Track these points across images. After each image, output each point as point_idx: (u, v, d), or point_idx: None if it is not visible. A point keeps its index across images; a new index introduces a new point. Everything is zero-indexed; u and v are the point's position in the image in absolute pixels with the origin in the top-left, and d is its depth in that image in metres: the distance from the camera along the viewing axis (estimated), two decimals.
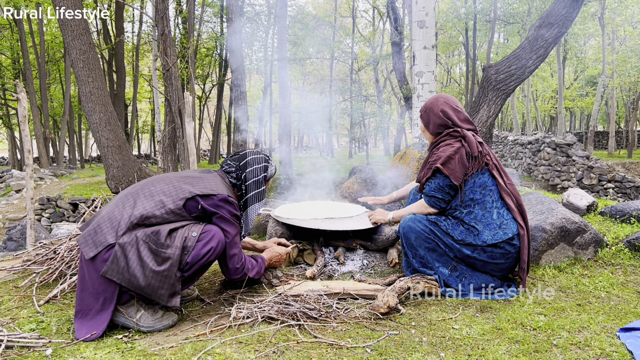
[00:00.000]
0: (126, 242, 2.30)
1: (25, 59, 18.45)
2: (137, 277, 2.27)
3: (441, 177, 2.82)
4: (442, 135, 2.97)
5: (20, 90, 4.60)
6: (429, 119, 3.04)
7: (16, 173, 15.75)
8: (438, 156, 2.85)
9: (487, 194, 2.82)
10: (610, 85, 26.59)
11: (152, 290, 2.30)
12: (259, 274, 2.82)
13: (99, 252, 2.30)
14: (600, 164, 13.78)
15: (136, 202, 2.46)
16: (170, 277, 2.31)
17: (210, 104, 34.90)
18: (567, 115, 40.50)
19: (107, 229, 2.36)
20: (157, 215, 2.40)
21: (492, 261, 2.80)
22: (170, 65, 8.50)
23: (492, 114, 6.93)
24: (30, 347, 2.17)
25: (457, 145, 2.83)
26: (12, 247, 7.27)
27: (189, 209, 2.47)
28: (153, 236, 2.32)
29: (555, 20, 6.69)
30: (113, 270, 2.28)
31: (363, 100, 23.85)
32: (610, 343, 2.17)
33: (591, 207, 4.35)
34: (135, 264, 2.28)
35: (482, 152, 2.86)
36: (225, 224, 2.53)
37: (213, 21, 24.91)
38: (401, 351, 2.08)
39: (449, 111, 2.96)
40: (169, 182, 2.57)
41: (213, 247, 2.41)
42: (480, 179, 2.83)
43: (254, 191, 2.80)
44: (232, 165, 2.80)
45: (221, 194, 2.53)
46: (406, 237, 2.90)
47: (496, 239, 2.75)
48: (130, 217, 2.37)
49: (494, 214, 2.80)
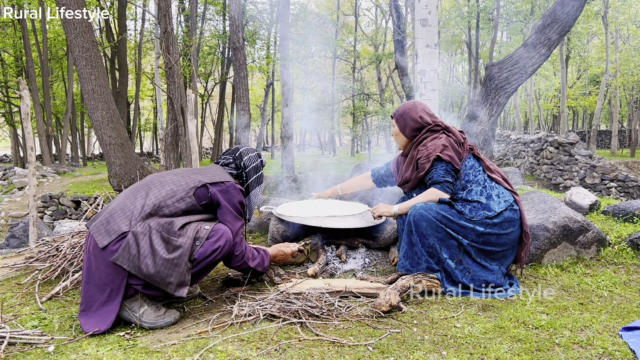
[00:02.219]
0: (139, 230, 2.35)
1: (28, 57, 18.45)
2: (147, 264, 2.30)
3: (443, 163, 2.95)
4: (422, 133, 3.15)
5: (23, 88, 4.61)
6: (405, 123, 3.20)
7: (19, 170, 15.78)
8: (432, 148, 3.00)
9: (477, 174, 3.04)
10: (613, 84, 26.51)
11: (161, 278, 2.32)
12: (261, 266, 2.83)
13: (112, 241, 2.33)
14: (603, 163, 13.74)
15: (148, 192, 2.53)
16: (180, 265, 2.34)
17: (212, 102, 34.91)
18: (570, 114, 40.40)
19: (121, 218, 2.41)
20: (169, 205, 2.48)
21: (503, 232, 2.91)
22: (173, 63, 8.50)
23: (494, 112, 6.91)
24: (32, 344, 2.18)
25: (443, 137, 3.05)
26: (15, 245, 7.29)
27: (198, 196, 2.56)
28: (166, 225, 2.38)
29: (559, 19, 6.68)
30: (124, 258, 2.31)
31: (365, 98, 23.82)
32: (612, 342, 2.16)
33: (594, 206, 4.34)
34: (147, 251, 2.31)
35: (465, 139, 3.14)
36: (230, 216, 2.60)
37: (215, 19, 24.90)
38: (403, 349, 2.08)
39: (426, 116, 3.17)
40: (177, 174, 2.67)
41: (221, 245, 2.46)
42: (469, 162, 3.07)
43: (254, 176, 2.95)
44: (228, 159, 2.93)
45: (230, 181, 2.66)
46: (417, 225, 2.90)
47: (502, 207, 2.89)
48: (144, 207, 2.44)
49: (488, 187, 2.99)
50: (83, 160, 25.50)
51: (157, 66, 12.92)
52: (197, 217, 2.54)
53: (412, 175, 3.11)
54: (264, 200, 4.47)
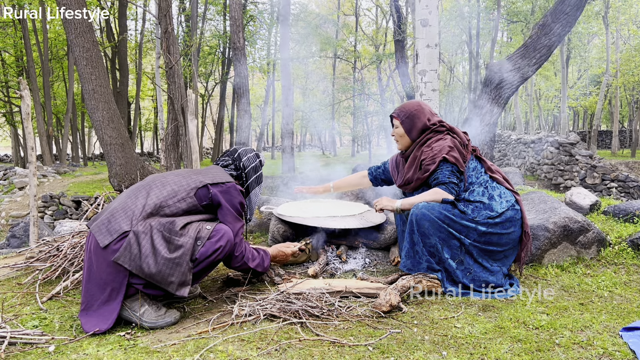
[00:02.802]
0: (140, 230, 2.36)
1: (29, 57, 18.46)
2: (149, 264, 2.31)
3: (449, 165, 2.96)
4: (426, 134, 3.14)
5: (24, 88, 4.61)
6: (412, 125, 3.17)
7: (19, 170, 15.79)
8: (436, 150, 3.00)
9: (479, 175, 3.06)
10: (614, 84, 26.52)
11: (163, 277, 2.33)
12: (261, 266, 2.83)
13: (113, 240, 2.34)
14: (604, 163, 13.74)
15: (149, 192, 2.54)
16: (182, 264, 2.35)
17: (213, 102, 34.90)
18: (571, 114, 40.39)
19: (122, 217, 2.42)
20: (170, 205, 2.49)
21: (505, 231, 2.92)
22: (173, 63, 8.50)
23: (495, 112, 6.91)
24: (33, 344, 2.18)
25: (448, 138, 3.05)
26: (16, 244, 7.30)
27: (199, 197, 2.57)
28: (168, 225, 2.39)
29: (559, 19, 6.68)
30: (125, 257, 2.31)
31: (366, 98, 23.81)
32: (612, 342, 2.16)
33: (594, 207, 4.34)
34: (148, 251, 2.32)
35: (469, 140, 3.16)
36: (230, 217, 2.61)
37: (216, 19, 24.90)
38: (403, 349, 2.08)
39: (432, 118, 3.18)
40: (178, 174, 2.69)
41: (222, 245, 2.47)
42: (472, 164, 3.09)
43: (253, 176, 2.96)
44: (227, 160, 2.94)
45: (231, 182, 2.67)
46: (419, 225, 2.88)
47: (504, 207, 2.92)
48: (145, 207, 2.45)
49: (490, 188, 3.01)
50: (84, 160, 25.50)
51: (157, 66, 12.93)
52: (197, 217, 2.55)
53: (415, 176, 3.09)
54: (264, 200, 4.48)
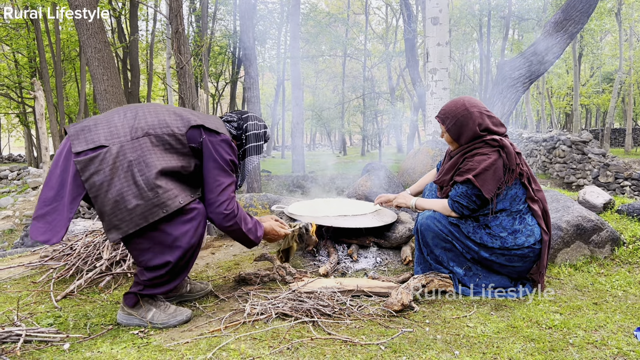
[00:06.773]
0: (116, 153, 2.21)
1: (42, 58, 18.66)
2: (108, 198, 2.18)
3: (471, 186, 2.71)
4: (475, 142, 2.79)
5: (38, 89, 4.67)
6: (460, 133, 2.82)
7: (33, 170, 15.96)
8: (472, 166, 2.71)
9: (515, 204, 2.76)
10: (627, 81, 26.21)
11: (110, 220, 2.20)
12: (254, 233, 2.61)
13: (87, 149, 2.20)
14: (617, 161, 13.58)
15: (137, 114, 2.38)
16: (133, 221, 2.20)
17: (223, 102, 35.04)
18: (583, 112, 39.97)
19: (103, 131, 2.28)
20: (158, 134, 2.32)
21: (509, 264, 2.77)
22: (184, 63, 8.54)
23: (506, 111, 6.87)
24: (48, 342, 2.20)
25: (494, 157, 2.68)
26: (30, 243, 7.39)
27: (189, 138, 2.39)
28: (145, 171, 2.23)
29: (572, 16, 6.61)
30: (89, 172, 2.17)
31: (376, 97, 23.76)
32: (627, 342, 2.14)
33: (608, 205, 4.30)
34: (114, 188, 2.18)
35: (519, 164, 2.75)
36: (219, 170, 2.43)
37: (226, 19, 25.01)
38: (415, 349, 2.07)
39: (486, 121, 2.78)
40: (172, 109, 2.52)
41: (194, 226, 2.35)
42: (512, 190, 2.75)
43: (253, 142, 2.74)
44: (233, 117, 2.74)
45: (225, 135, 2.48)
46: (422, 235, 2.89)
47: (518, 244, 2.71)
48: (132, 130, 2.30)
49: (518, 221, 2.76)
50: None
51: (168, 66, 13.01)
52: (179, 162, 2.36)
53: (449, 182, 2.91)
54: (275, 199, 4.49)
